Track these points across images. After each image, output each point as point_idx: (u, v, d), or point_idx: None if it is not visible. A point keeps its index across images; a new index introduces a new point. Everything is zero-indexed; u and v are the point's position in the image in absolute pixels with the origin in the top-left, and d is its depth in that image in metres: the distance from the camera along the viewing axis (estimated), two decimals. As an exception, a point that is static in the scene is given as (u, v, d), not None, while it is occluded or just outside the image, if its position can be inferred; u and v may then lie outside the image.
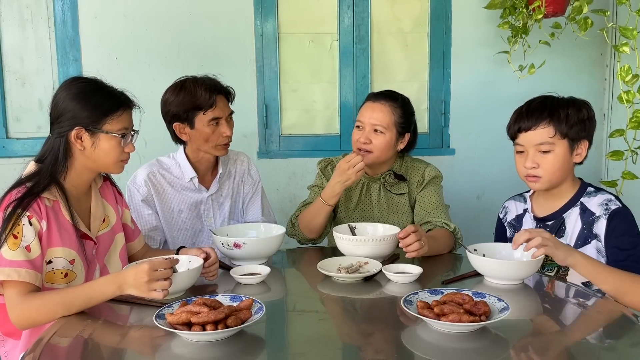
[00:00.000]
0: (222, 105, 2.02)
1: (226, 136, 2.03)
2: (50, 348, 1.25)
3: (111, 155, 1.60)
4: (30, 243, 1.47)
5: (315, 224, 2.04)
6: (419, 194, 2.10)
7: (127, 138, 1.61)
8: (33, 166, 1.60)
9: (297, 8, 2.85)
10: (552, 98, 1.70)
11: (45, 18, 2.76)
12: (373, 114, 2.04)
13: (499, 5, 2.62)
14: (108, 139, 1.58)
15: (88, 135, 1.57)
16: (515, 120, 1.72)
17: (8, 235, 1.44)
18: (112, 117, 1.57)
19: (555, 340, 1.26)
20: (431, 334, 1.26)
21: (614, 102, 2.83)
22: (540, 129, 1.65)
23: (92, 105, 1.56)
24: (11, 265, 1.43)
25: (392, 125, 2.04)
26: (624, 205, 1.65)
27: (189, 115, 1.99)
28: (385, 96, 2.09)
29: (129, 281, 1.40)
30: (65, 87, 1.61)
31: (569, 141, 1.66)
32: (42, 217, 1.50)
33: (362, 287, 1.61)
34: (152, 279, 1.38)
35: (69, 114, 1.57)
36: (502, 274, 1.57)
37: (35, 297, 1.43)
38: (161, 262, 1.42)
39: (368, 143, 2.03)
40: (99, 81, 1.63)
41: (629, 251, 1.58)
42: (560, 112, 1.65)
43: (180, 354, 1.20)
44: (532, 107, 1.69)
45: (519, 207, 1.85)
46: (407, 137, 2.10)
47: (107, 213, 1.72)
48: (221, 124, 2.01)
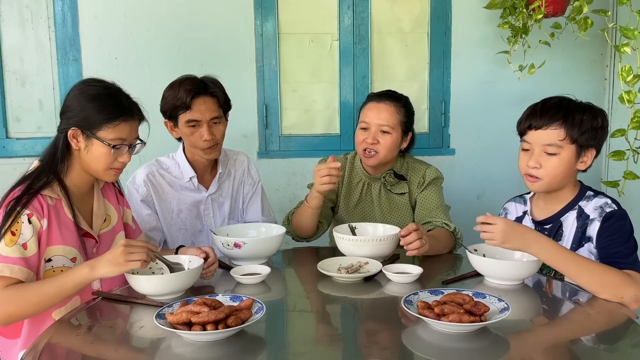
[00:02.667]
0: (203, 108, 1.97)
1: (204, 140, 1.99)
2: (50, 348, 1.24)
3: (101, 162, 1.59)
4: (27, 241, 1.48)
5: (303, 225, 2.05)
6: (420, 195, 2.10)
7: (121, 149, 1.59)
8: (37, 164, 1.61)
9: (297, 8, 2.85)
10: (569, 100, 1.65)
11: (45, 18, 2.76)
12: (380, 114, 2.05)
13: (499, 5, 2.62)
14: (100, 146, 1.57)
15: (83, 137, 1.57)
16: (528, 116, 1.66)
17: (6, 231, 1.45)
18: (108, 126, 1.56)
19: (555, 341, 1.26)
20: (431, 334, 1.26)
21: (614, 102, 2.83)
22: (551, 129, 1.61)
23: (93, 109, 1.56)
24: (5, 261, 1.45)
25: (397, 125, 2.05)
26: (620, 208, 1.62)
27: (173, 114, 2.00)
28: (388, 96, 2.10)
29: (105, 257, 1.43)
30: (79, 85, 1.62)
31: (577, 147, 1.61)
32: (44, 215, 1.51)
33: (362, 287, 1.61)
34: (127, 250, 1.41)
35: (71, 112, 1.58)
36: (502, 274, 1.57)
37: (11, 288, 1.44)
38: (138, 242, 1.47)
39: (376, 143, 2.04)
40: (113, 87, 1.62)
41: (617, 248, 1.55)
42: (576, 116, 1.60)
43: (180, 354, 1.20)
44: (548, 106, 1.64)
45: (519, 209, 1.84)
46: (409, 136, 2.13)
47: (108, 212, 1.73)
48: (200, 126, 1.98)
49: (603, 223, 1.60)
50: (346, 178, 2.18)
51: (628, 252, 1.55)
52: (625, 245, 1.56)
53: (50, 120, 2.80)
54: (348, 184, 2.19)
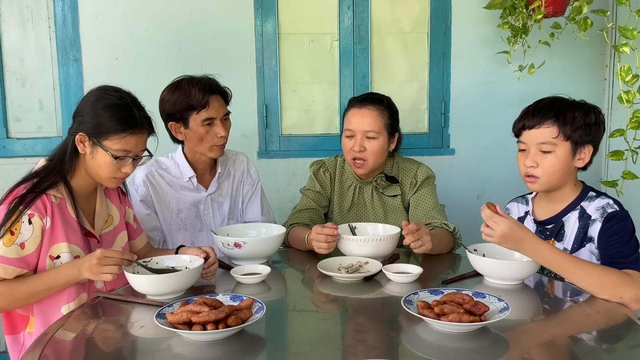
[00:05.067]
0: (217, 105, 2.01)
1: (220, 137, 2.02)
2: (50, 347, 1.25)
3: (104, 170, 1.60)
4: (25, 240, 1.50)
5: (299, 248, 2.00)
6: (413, 196, 2.09)
7: (125, 160, 1.60)
8: (43, 163, 1.63)
9: (297, 8, 2.85)
10: (561, 99, 1.68)
11: (46, 18, 2.76)
12: (364, 120, 2.02)
13: (498, 5, 2.62)
14: (104, 155, 1.58)
15: (89, 143, 1.59)
16: (521, 117, 1.70)
17: (7, 231, 1.48)
18: (115, 136, 1.57)
19: (555, 341, 1.26)
20: (431, 334, 1.26)
21: (614, 102, 2.84)
22: (544, 128, 1.63)
23: (104, 117, 1.57)
24: (0, 261, 1.48)
25: (383, 129, 2.03)
26: (622, 209, 1.63)
27: (183, 115, 1.99)
28: (370, 100, 2.07)
29: (85, 265, 1.49)
30: (96, 91, 1.63)
31: (572, 144, 1.63)
32: (47, 214, 1.53)
33: (362, 287, 1.61)
34: (101, 262, 1.47)
35: (83, 118, 1.59)
36: (502, 274, 1.57)
37: (2, 284, 1.49)
38: (114, 252, 1.50)
39: (363, 151, 2.02)
40: (128, 98, 1.62)
41: (619, 248, 1.55)
42: (567, 113, 1.62)
43: (180, 354, 1.20)
44: (540, 106, 1.67)
45: (520, 210, 1.84)
46: (396, 137, 2.10)
47: (110, 212, 1.74)
48: (215, 124, 2.00)
49: (605, 223, 1.60)
50: (337, 183, 2.17)
51: (629, 252, 1.55)
52: (627, 245, 1.56)
53: (51, 120, 2.81)
54: (340, 188, 2.18)
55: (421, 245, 1.74)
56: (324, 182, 2.17)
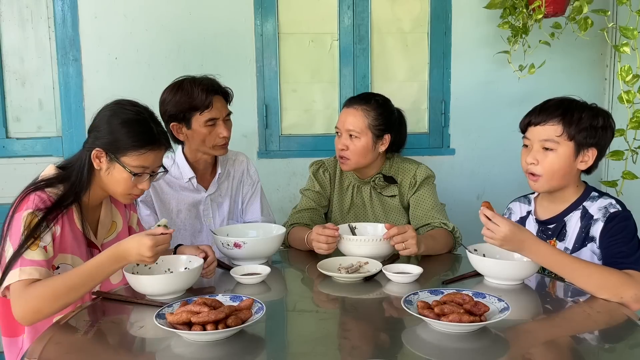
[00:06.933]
0: (219, 105, 2.01)
1: (223, 137, 2.02)
2: (50, 348, 1.24)
3: (120, 186, 1.58)
4: (47, 244, 1.48)
5: (299, 248, 2.00)
6: (413, 196, 2.09)
7: (143, 177, 1.58)
8: (52, 170, 1.59)
9: (297, 8, 2.85)
10: (570, 100, 1.68)
11: (45, 18, 2.76)
12: (347, 118, 2.04)
13: (499, 5, 2.62)
14: (121, 171, 1.56)
15: (106, 159, 1.56)
16: (529, 114, 1.70)
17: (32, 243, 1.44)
18: (134, 153, 1.55)
19: (555, 341, 1.26)
20: (431, 334, 1.26)
21: (614, 102, 2.83)
22: (549, 125, 1.63)
23: (122, 134, 1.54)
24: (32, 264, 1.42)
25: (366, 129, 2.02)
26: (625, 209, 1.62)
27: (186, 115, 1.98)
28: (359, 100, 2.08)
29: (132, 255, 1.42)
30: (112, 106, 1.59)
31: (575, 145, 1.62)
32: (57, 223, 1.51)
33: (362, 287, 1.61)
34: (155, 254, 1.42)
35: (100, 133, 1.56)
36: (502, 274, 1.57)
37: (38, 284, 1.41)
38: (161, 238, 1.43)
39: (345, 150, 2.04)
40: (145, 113, 1.60)
41: (620, 248, 1.55)
42: (574, 113, 1.62)
43: (180, 354, 1.20)
44: (549, 104, 1.67)
45: (523, 209, 1.84)
46: (387, 138, 2.07)
47: (114, 219, 1.73)
48: (218, 124, 2.01)
49: (607, 223, 1.60)
50: (337, 183, 2.18)
51: (631, 252, 1.55)
52: (628, 245, 1.56)
53: (50, 120, 2.81)
54: (339, 188, 2.18)
55: (405, 249, 1.74)
56: (323, 182, 2.17)
